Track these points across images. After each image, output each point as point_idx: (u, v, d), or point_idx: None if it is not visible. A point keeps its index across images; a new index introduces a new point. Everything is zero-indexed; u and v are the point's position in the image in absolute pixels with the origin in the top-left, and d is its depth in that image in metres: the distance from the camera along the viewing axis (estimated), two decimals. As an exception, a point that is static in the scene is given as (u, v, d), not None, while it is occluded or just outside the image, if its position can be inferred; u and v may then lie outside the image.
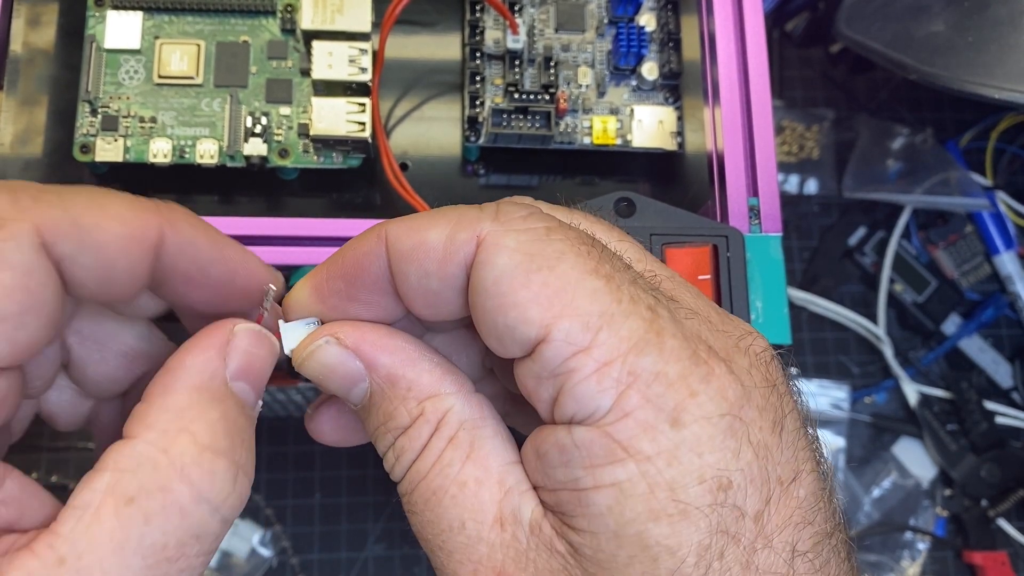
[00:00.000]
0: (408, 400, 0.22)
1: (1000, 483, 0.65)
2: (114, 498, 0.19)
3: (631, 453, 0.19)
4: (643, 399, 0.19)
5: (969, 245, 0.71)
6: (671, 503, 0.18)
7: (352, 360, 0.22)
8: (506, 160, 0.43)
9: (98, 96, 0.39)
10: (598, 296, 0.19)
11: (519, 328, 0.20)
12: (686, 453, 0.19)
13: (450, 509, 0.21)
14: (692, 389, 0.19)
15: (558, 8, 0.43)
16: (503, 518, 0.20)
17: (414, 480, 0.21)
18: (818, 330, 0.69)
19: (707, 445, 0.19)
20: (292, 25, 0.41)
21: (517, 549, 0.20)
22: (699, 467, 0.19)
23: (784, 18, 0.69)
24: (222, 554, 0.60)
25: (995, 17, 0.51)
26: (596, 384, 0.19)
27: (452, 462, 0.21)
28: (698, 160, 0.40)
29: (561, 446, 0.19)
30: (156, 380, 0.22)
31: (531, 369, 0.20)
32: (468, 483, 0.21)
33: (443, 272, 0.21)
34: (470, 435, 0.21)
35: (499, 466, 0.21)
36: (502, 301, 0.20)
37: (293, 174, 0.41)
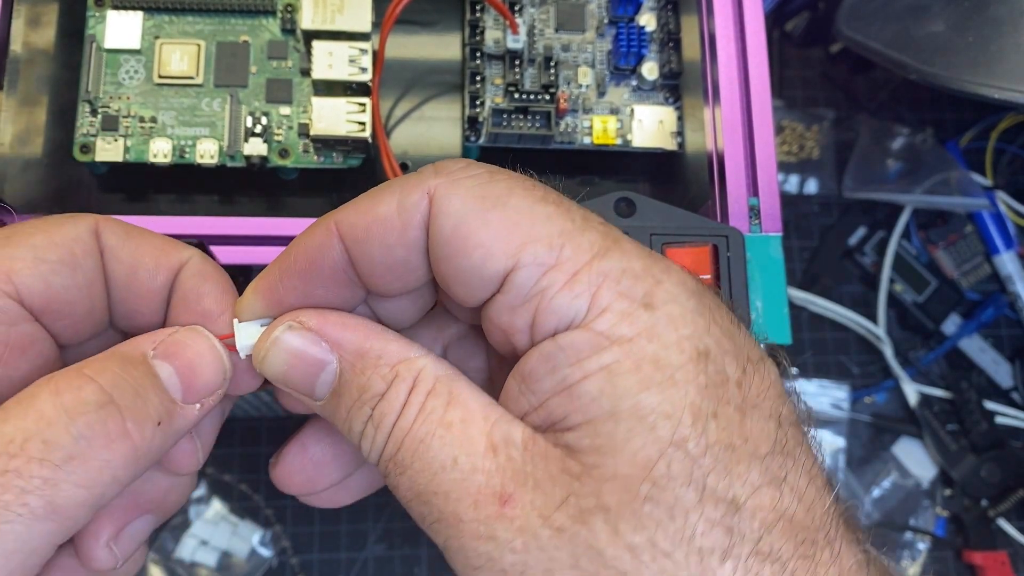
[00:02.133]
0: (380, 367, 0.22)
1: (1000, 483, 0.65)
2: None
3: (614, 339, 0.20)
4: (615, 293, 0.20)
5: (969, 245, 0.71)
6: (658, 372, 0.19)
7: (317, 343, 0.22)
8: (506, 160, 0.43)
9: (98, 96, 0.39)
10: (553, 219, 0.21)
11: (486, 265, 0.20)
12: (663, 329, 0.20)
13: (440, 450, 0.20)
14: (657, 278, 0.20)
15: (558, 8, 0.43)
16: (494, 445, 0.20)
17: (398, 438, 0.21)
18: (818, 330, 0.69)
19: (680, 321, 0.20)
20: (292, 25, 0.41)
21: (513, 468, 0.20)
22: (677, 339, 0.20)
23: (784, 18, 0.69)
24: (222, 554, 0.60)
25: (995, 17, 0.51)
26: (570, 292, 0.20)
27: (434, 409, 0.21)
28: (698, 160, 0.40)
29: (546, 355, 0.20)
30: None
31: (503, 303, 0.21)
32: (454, 423, 0.21)
33: (404, 239, 0.21)
34: (447, 385, 0.21)
35: (481, 406, 0.21)
36: (465, 244, 0.21)
37: (293, 174, 0.41)
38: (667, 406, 0.19)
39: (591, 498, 0.19)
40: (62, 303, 0.23)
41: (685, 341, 0.20)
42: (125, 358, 0.22)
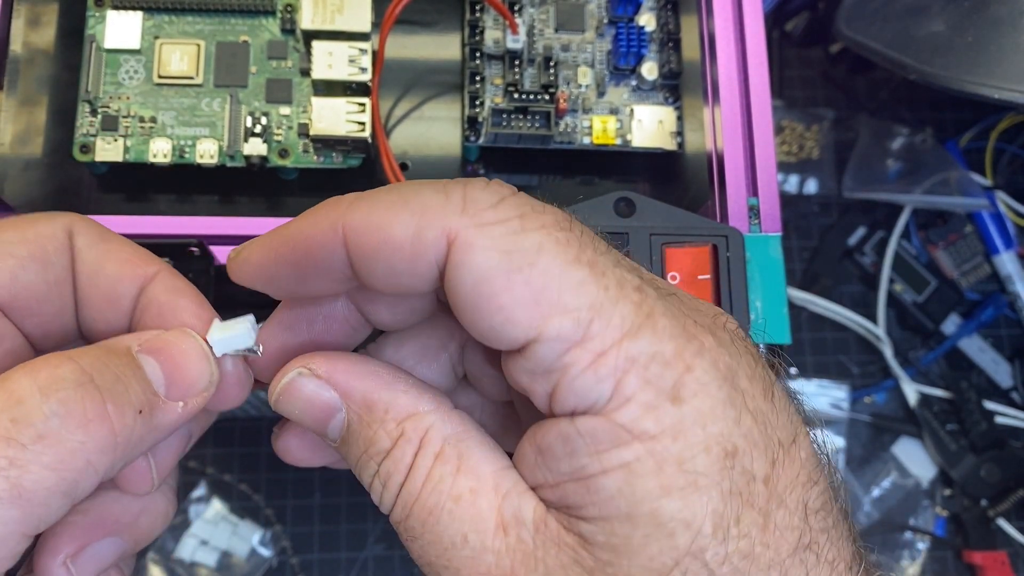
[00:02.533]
0: (387, 422, 0.21)
1: (1000, 483, 0.65)
2: None
3: (636, 435, 0.18)
4: (642, 381, 0.19)
5: (969, 245, 0.71)
6: (681, 476, 0.18)
7: (326, 390, 0.22)
8: (506, 160, 0.43)
9: (98, 96, 0.39)
10: (584, 287, 0.19)
11: (506, 330, 0.19)
12: (690, 427, 0.19)
13: (449, 525, 0.20)
14: (688, 364, 0.19)
15: (558, 8, 0.43)
16: (505, 523, 0.20)
17: (407, 503, 0.21)
18: (818, 330, 0.69)
19: (708, 417, 0.19)
20: (292, 25, 0.41)
21: (524, 551, 0.19)
22: (704, 438, 0.19)
23: (784, 18, 0.69)
24: (222, 554, 0.60)
25: (995, 17, 0.51)
26: (593, 375, 0.19)
27: (443, 477, 0.20)
28: (698, 160, 0.40)
29: (565, 436, 0.19)
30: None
31: (523, 366, 0.20)
32: (463, 495, 0.20)
33: (413, 269, 0.20)
34: (456, 448, 0.21)
35: (492, 472, 0.21)
36: (486, 305, 0.19)
37: (293, 174, 0.41)
38: (687, 513, 0.18)
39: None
40: (30, 299, 0.22)
41: (712, 441, 0.19)
42: (108, 347, 0.21)
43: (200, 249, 0.34)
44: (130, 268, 0.24)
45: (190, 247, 0.34)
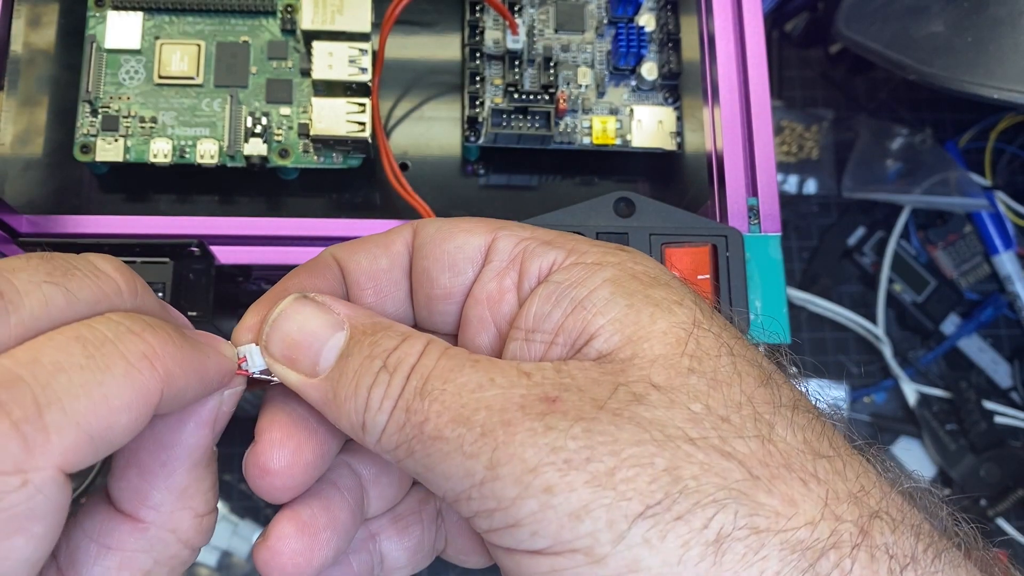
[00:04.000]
0: (392, 329, 0.22)
1: (999, 482, 0.65)
2: (131, 572, 0.22)
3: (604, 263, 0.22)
4: (590, 245, 0.23)
5: (968, 245, 0.71)
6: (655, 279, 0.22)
7: (328, 311, 0.22)
8: (506, 160, 0.43)
9: (98, 96, 0.40)
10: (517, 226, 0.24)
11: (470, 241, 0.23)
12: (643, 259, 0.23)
13: (472, 374, 0.20)
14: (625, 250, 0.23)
15: (558, 8, 0.43)
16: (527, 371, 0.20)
17: (423, 374, 0.20)
18: (817, 330, 0.69)
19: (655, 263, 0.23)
20: (292, 25, 0.41)
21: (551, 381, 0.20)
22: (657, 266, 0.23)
23: (783, 18, 0.70)
24: (222, 554, 0.60)
25: (994, 17, 0.51)
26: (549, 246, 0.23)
27: (458, 354, 0.21)
28: (697, 160, 0.40)
29: (546, 293, 0.22)
30: (152, 453, 0.22)
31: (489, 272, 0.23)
32: (480, 360, 0.20)
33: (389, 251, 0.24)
34: (458, 351, 0.21)
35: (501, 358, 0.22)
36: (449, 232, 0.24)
37: (293, 174, 0.41)
38: (675, 296, 0.21)
39: (639, 383, 0.19)
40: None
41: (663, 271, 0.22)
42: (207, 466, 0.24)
43: (200, 249, 0.34)
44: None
45: (190, 247, 0.34)
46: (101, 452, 0.19)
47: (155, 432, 0.22)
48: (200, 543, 0.23)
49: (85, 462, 0.18)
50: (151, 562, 0.22)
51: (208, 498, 0.23)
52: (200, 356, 0.21)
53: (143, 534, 0.22)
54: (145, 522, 0.22)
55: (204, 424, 0.23)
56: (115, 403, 0.19)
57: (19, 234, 0.35)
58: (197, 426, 0.23)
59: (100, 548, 0.22)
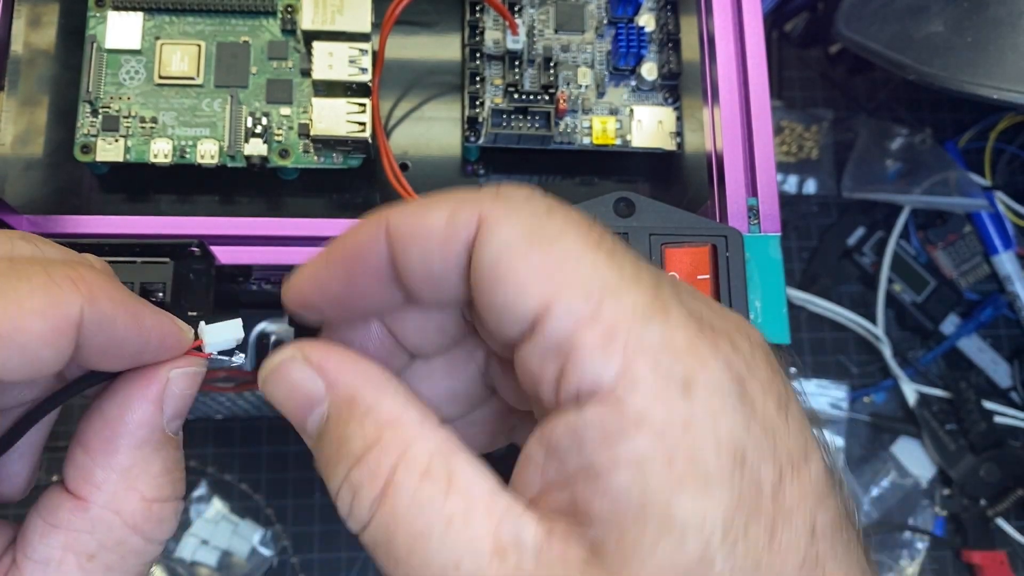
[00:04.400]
0: (365, 424, 0.20)
1: (999, 483, 0.65)
2: (75, 554, 0.21)
3: (645, 423, 0.18)
4: (651, 367, 0.18)
5: (968, 245, 0.71)
6: (692, 472, 0.18)
7: (314, 379, 0.21)
8: (506, 160, 0.43)
9: (99, 96, 0.40)
10: (599, 269, 0.19)
11: (519, 303, 0.19)
12: (700, 421, 0.18)
13: (440, 551, 0.18)
14: (701, 359, 0.18)
15: (558, 8, 0.43)
16: (501, 548, 0.18)
17: (390, 525, 0.19)
18: (817, 330, 0.69)
19: (720, 416, 0.18)
20: (292, 25, 0.41)
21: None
22: (715, 436, 0.18)
23: (783, 18, 0.70)
24: (223, 553, 0.60)
25: (994, 17, 0.51)
26: (601, 352, 0.18)
27: (432, 498, 0.19)
28: (697, 160, 0.40)
29: (572, 429, 0.18)
30: (96, 430, 0.22)
31: (533, 349, 0.19)
32: (455, 518, 0.19)
33: (445, 253, 0.20)
34: (445, 465, 0.19)
35: (485, 492, 0.19)
36: (501, 277, 0.19)
37: (293, 174, 0.41)
38: (699, 515, 0.18)
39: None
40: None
41: (723, 440, 0.18)
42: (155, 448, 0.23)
43: (200, 249, 0.34)
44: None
45: (190, 247, 0.34)
46: (14, 358, 0.19)
47: (100, 407, 0.22)
48: (154, 533, 0.22)
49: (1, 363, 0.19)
50: (95, 544, 0.21)
51: (159, 484, 0.22)
52: (139, 305, 0.22)
53: (85, 513, 0.22)
54: (87, 500, 0.22)
55: (148, 400, 0.23)
56: (27, 304, 0.19)
57: (19, 234, 0.35)
58: (141, 402, 0.22)
59: (46, 526, 0.22)
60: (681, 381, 0.18)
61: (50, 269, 0.20)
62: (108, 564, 0.21)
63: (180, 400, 0.23)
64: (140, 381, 0.23)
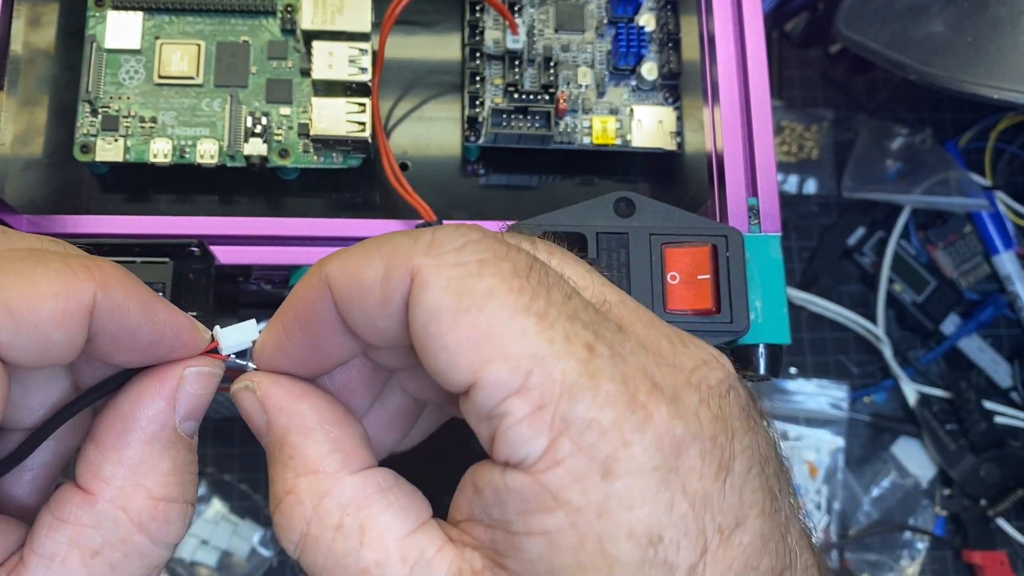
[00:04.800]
0: (287, 470, 0.22)
1: (999, 483, 0.65)
2: (79, 550, 0.21)
3: (561, 503, 0.18)
4: (575, 447, 0.18)
5: (968, 245, 0.71)
6: (599, 557, 0.18)
7: (259, 415, 0.23)
8: (506, 160, 0.43)
9: (98, 96, 0.40)
10: (528, 337, 0.19)
11: (451, 372, 0.19)
12: (616, 506, 0.18)
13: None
14: (625, 439, 0.18)
15: (558, 8, 0.43)
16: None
17: (314, 572, 0.21)
18: (817, 330, 0.69)
19: (638, 499, 0.18)
20: (292, 25, 0.41)
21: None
22: (628, 521, 0.18)
23: (783, 18, 0.69)
24: (222, 554, 0.60)
25: (994, 17, 0.51)
26: (527, 429, 0.18)
27: (346, 552, 0.20)
28: (697, 160, 0.40)
29: (495, 488, 0.19)
30: (108, 425, 0.22)
31: (467, 407, 0.20)
32: (369, 569, 0.20)
33: (384, 312, 0.20)
34: (356, 519, 0.20)
35: (397, 542, 0.20)
36: (433, 343, 0.19)
37: (293, 174, 0.41)
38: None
39: None
40: None
41: (638, 525, 0.18)
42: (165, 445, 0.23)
43: (200, 249, 0.34)
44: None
45: (190, 247, 0.34)
46: (25, 337, 0.19)
47: (114, 403, 0.23)
48: (160, 533, 0.22)
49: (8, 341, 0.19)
50: (100, 540, 0.21)
51: (167, 482, 0.22)
52: (153, 298, 0.22)
53: (92, 507, 0.22)
54: (95, 495, 0.22)
55: (160, 396, 0.23)
56: (42, 287, 0.19)
57: (19, 234, 0.35)
58: (153, 397, 0.23)
59: (54, 520, 0.22)
60: (602, 463, 0.18)
61: (67, 258, 0.21)
62: (112, 562, 0.21)
63: (194, 400, 0.23)
64: (154, 377, 0.23)
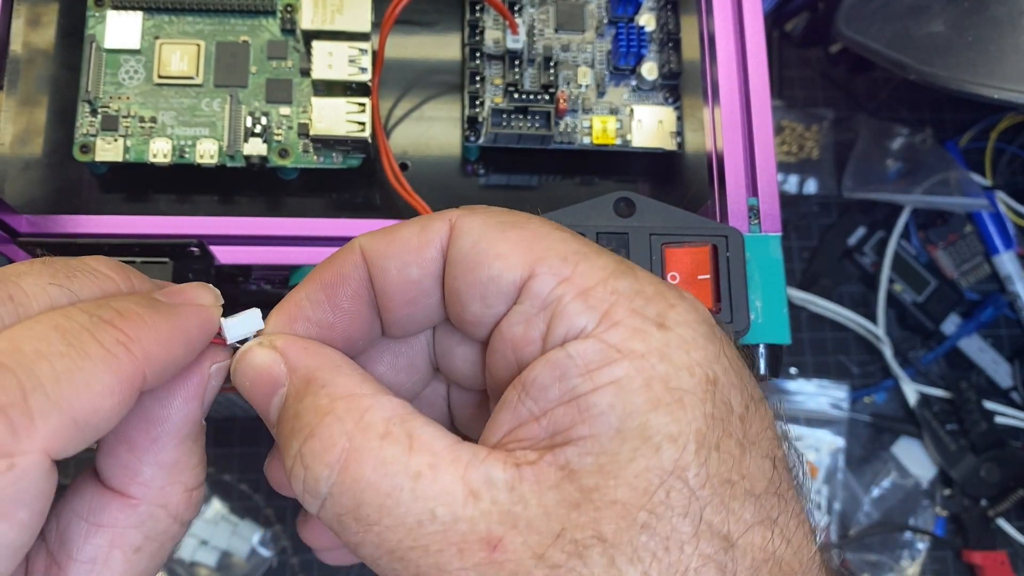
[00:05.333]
0: (319, 396, 0.21)
1: (999, 483, 0.65)
2: (121, 550, 0.22)
3: (624, 353, 0.20)
4: (628, 310, 0.20)
5: (968, 245, 0.71)
6: (667, 392, 0.19)
7: (278, 364, 0.22)
8: (506, 160, 0.43)
9: (98, 96, 0.40)
10: (569, 241, 0.22)
11: (505, 275, 0.21)
12: (675, 350, 0.20)
13: (412, 505, 0.19)
14: (670, 302, 0.21)
15: (558, 8, 0.43)
16: (474, 490, 0.19)
17: (355, 491, 0.19)
18: (818, 330, 0.69)
19: (692, 344, 0.20)
20: (292, 25, 0.41)
21: (500, 511, 0.19)
22: (688, 362, 0.20)
23: (784, 18, 0.69)
24: (222, 554, 0.60)
25: (995, 17, 0.51)
26: (583, 302, 0.20)
27: (396, 457, 0.19)
28: (698, 160, 0.40)
29: (555, 363, 0.20)
30: (141, 428, 0.22)
31: (519, 313, 0.21)
32: (422, 472, 0.19)
33: (421, 258, 0.22)
34: (403, 427, 0.20)
35: (447, 446, 0.20)
36: (485, 255, 0.21)
37: (293, 174, 0.41)
38: (674, 428, 0.19)
39: (588, 529, 0.18)
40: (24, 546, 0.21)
41: (696, 365, 0.20)
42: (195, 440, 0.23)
43: (200, 249, 0.34)
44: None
45: (190, 247, 0.34)
46: (88, 436, 0.19)
47: (144, 408, 0.22)
48: (190, 517, 0.23)
49: (72, 446, 0.19)
50: (142, 538, 0.22)
51: (197, 472, 0.23)
52: (181, 323, 0.22)
53: (134, 510, 0.22)
54: (136, 498, 0.22)
55: (192, 399, 0.23)
56: (97, 388, 0.19)
57: (19, 234, 0.35)
58: (185, 401, 0.23)
59: (90, 527, 0.22)
60: (655, 317, 0.20)
61: (100, 334, 0.20)
62: (151, 553, 0.22)
63: (214, 392, 0.24)
64: (183, 380, 0.23)
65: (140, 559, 0.22)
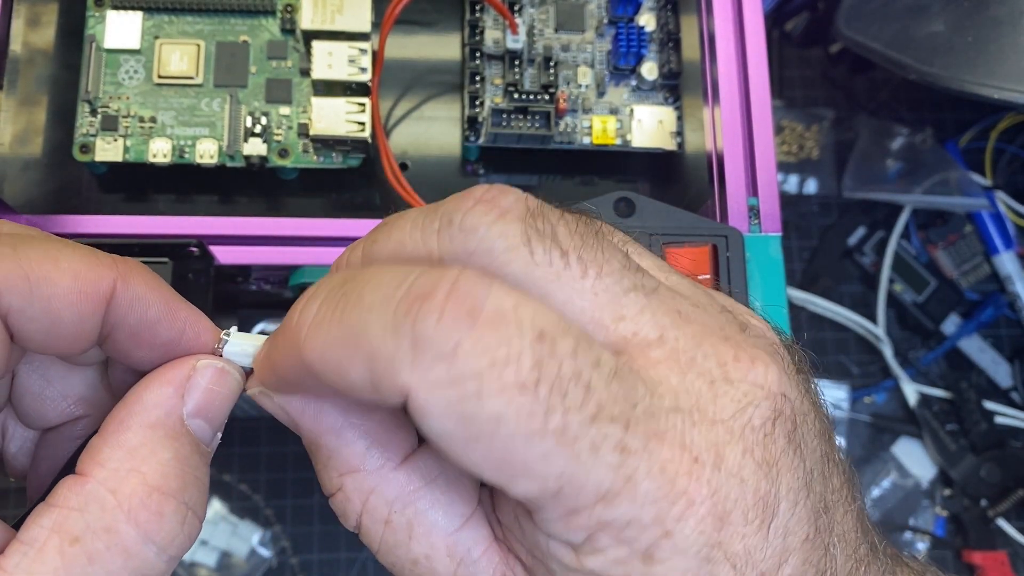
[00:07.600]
0: (329, 469, 0.21)
1: (1000, 483, 0.65)
2: (59, 536, 0.19)
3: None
4: (615, 540, 0.18)
5: (969, 245, 0.71)
6: None
7: (284, 416, 0.22)
8: (506, 160, 0.43)
9: (98, 96, 0.39)
10: (550, 459, 0.17)
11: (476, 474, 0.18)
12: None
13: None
14: (667, 530, 0.18)
15: (558, 8, 0.43)
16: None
17: (370, 546, 0.22)
18: (818, 330, 0.69)
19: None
20: (292, 25, 0.41)
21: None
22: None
23: (784, 18, 0.69)
24: (222, 554, 0.60)
25: (995, 17, 0.51)
26: (564, 527, 0.18)
27: (397, 543, 0.21)
28: (698, 160, 0.40)
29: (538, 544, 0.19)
30: (112, 413, 0.21)
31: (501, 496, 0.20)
32: (419, 560, 0.21)
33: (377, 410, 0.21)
34: (404, 515, 0.21)
35: (445, 538, 0.21)
36: (452, 459, 0.18)
37: (293, 174, 0.41)
38: None
39: None
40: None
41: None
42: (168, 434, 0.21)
43: (200, 249, 0.34)
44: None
45: (190, 247, 0.34)
46: (36, 306, 0.20)
47: (124, 396, 0.22)
48: (152, 529, 0.20)
49: (19, 309, 0.19)
50: (82, 526, 0.19)
51: (165, 472, 0.21)
52: (175, 296, 0.22)
53: (82, 487, 0.20)
54: (87, 475, 0.20)
55: (167, 382, 0.22)
56: (63, 264, 0.20)
57: (18, 234, 0.35)
58: (162, 383, 0.22)
59: (44, 506, 0.20)
60: (643, 553, 0.18)
61: (95, 249, 0.21)
62: (90, 553, 0.19)
63: (204, 394, 0.22)
64: (165, 366, 0.22)
65: (76, 555, 0.19)
